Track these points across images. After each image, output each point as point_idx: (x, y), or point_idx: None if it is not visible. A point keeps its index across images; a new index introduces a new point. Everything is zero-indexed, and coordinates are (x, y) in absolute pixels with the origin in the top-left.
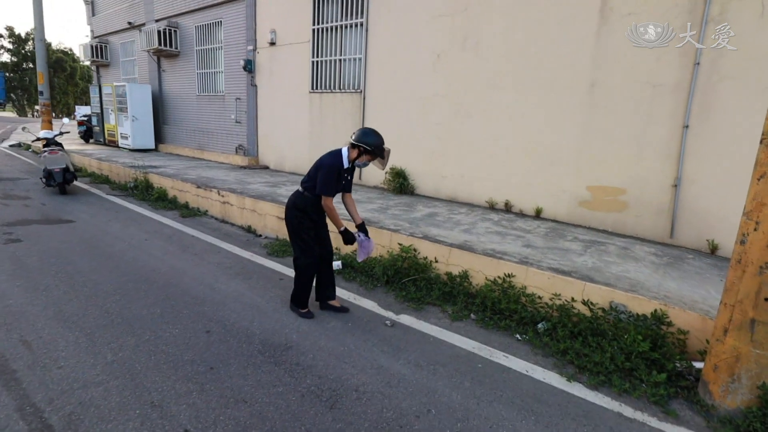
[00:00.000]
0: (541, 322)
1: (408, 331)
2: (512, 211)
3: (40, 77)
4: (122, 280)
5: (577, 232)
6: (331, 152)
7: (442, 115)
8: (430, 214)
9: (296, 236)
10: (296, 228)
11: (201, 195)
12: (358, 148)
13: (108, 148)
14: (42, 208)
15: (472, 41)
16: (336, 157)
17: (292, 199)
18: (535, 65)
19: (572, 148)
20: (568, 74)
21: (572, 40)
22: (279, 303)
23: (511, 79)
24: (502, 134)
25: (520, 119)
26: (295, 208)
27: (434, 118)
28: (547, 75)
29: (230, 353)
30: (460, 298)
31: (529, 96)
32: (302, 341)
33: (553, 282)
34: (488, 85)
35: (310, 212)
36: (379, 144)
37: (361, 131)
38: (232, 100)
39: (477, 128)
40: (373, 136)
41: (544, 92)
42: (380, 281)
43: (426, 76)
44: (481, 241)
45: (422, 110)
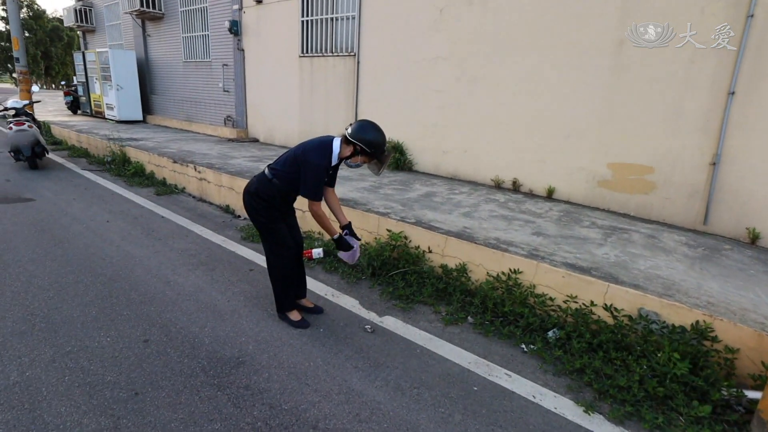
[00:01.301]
0: (552, 330)
1: (391, 338)
2: (521, 190)
3: (14, 42)
4: (64, 271)
5: (595, 216)
6: (319, 144)
7: (445, 81)
8: (427, 193)
9: (265, 230)
10: (262, 221)
11: (178, 171)
12: (354, 146)
13: (94, 120)
14: (5, 185)
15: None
16: (325, 154)
17: (254, 184)
18: (552, 20)
19: (592, 119)
20: (591, 31)
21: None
22: (241, 301)
23: (523, 38)
24: (511, 103)
25: (533, 85)
26: (258, 197)
27: (435, 84)
28: (567, 32)
29: (166, 371)
30: (456, 296)
31: (545, 58)
32: (258, 354)
33: (569, 281)
34: (497, 46)
35: (276, 203)
36: (381, 144)
37: (360, 125)
38: (219, 67)
39: (483, 96)
40: (373, 132)
41: (562, 52)
42: (365, 273)
43: (426, 37)
44: (483, 227)
45: (422, 75)
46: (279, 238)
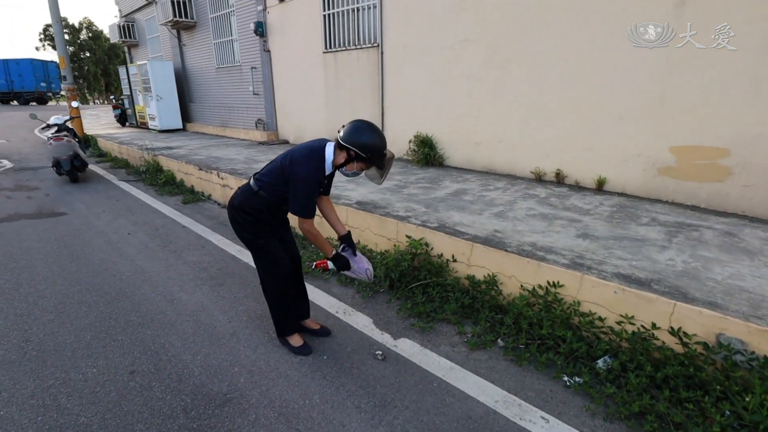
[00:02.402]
0: (602, 358)
1: (405, 368)
2: (565, 182)
3: (60, 61)
4: (72, 290)
5: (656, 211)
6: (309, 153)
7: (474, 65)
8: (456, 191)
9: (254, 247)
10: (248, 236)
11: (203, 178)
12: (348, 151)
13: (139, 131)
14: (44, 199)
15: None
16: (316, 165)
17: (238, 196)
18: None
19: (651, 96)
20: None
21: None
22: (243, 322)
23: (562, 9)
24: (552, 84)
25: (576, 62)
26: (242, 211)
27: (464, 69)
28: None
29: (144, 411)
30: (485, 313)
31: (589, 29)
32: (249, 389)
33: (623, 298)
34: (532, 21)
35: (264, 217)
36: (379, 147)
37: (353, 126)
38: (248, 70)
39: (518, 79)
40: (369, 133)
41: (611, 19)
42: (382, 285)
43: (451, 18)
44: (517, 230)
45: (449, 61)
46: (270, 255)
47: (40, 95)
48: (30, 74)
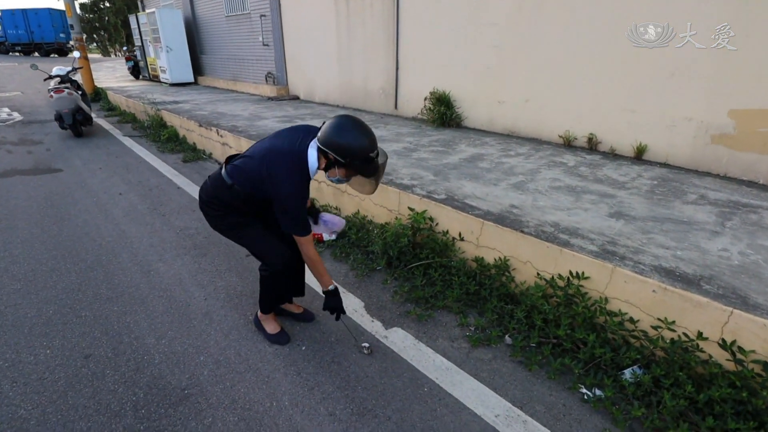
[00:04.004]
0: (631, 368)
1: (393, 366)
2: (598, 149)
3: (67, 9)
4: (47, 256)
5: (706, 186)
6: (290, 164)
7: (501, 12)
8: (472, 157)
9: (237, 238)
10: (224, 227)
11: (204, 135)
12: (326, 156)
13: (150, 84)
14: (43, 155)
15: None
16: (299, 177)
17: (209, 187)
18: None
19: (708, 49)
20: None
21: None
22: (220, 300)
23: None
24: (591, 33)
25: (621, 8)
26: (217, 203)
27: (489, 16)
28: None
29: (89, 406)
30: (492, 303)
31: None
32: (211, 385)
33: (663, 298)
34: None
35: (240, 207)
36: (362, 150)
37: (333, 123)
38: (258, 18)
39: (552, 27)
40: (351, 133)
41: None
42: (379, 263)
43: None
44: (538, 205)
45: (472, 5)
46: (265, 244)
47: (60, 46)
48: (48, 24)
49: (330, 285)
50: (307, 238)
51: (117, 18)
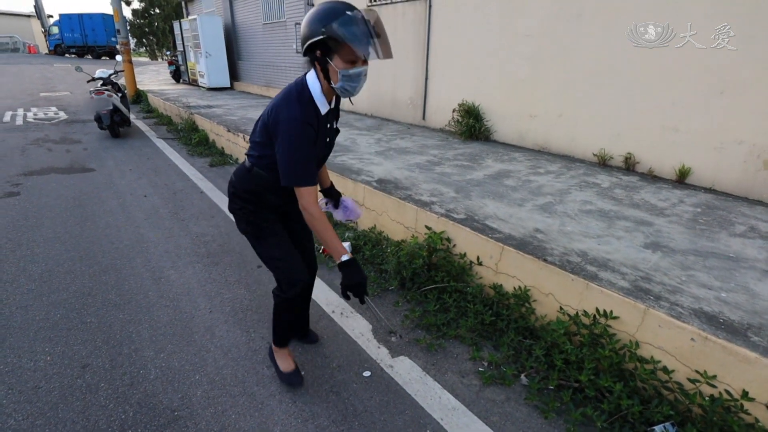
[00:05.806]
0: (662, 425)
1: (396, 400)
2: (635, 170)
3: (115, 14)
4: (65, 257)
5: (757, 216)
6: (288, 90)
7: (536, 21)
8: (498, 173)
9: (262, 248)
10: (254, 231)
11: (231, 140)
12: (316, 58)
13: (189, 88)
14: (80, 153)
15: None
16: (299, 100)
17: (233, 181)
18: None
19: (764, 66)
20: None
21: None
22: (225, 314)
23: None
24: (628, 44)
25: (667, 17)
26: (239, 198)
27: (524, 25)
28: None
29: (78, 422)
30: (509, 336)
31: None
32: (202, 408)
33: (703, 348)
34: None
35: (266, 199)
36: (336, 12)
37: (311, 14)
38: (293, 26)
39: (592, 38)
40: (315, 9)
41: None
42: (392, 283)
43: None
44: (565, 231)
45: (507, 15)
46: (283, 261)
47: (110, 49)
48: (101, 29)
49: (344, 255)
50: (308, 189)
51: (165, 24)
